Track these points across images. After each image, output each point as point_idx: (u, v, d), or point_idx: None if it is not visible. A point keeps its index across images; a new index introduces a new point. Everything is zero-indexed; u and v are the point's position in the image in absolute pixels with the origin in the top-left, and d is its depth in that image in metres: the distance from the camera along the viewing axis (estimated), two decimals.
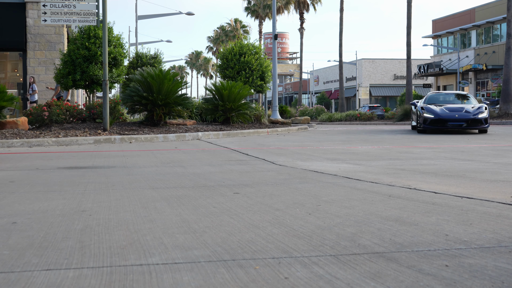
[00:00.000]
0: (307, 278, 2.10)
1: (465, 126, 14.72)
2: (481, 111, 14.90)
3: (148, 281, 2.08)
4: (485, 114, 14.84)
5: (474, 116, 14.70)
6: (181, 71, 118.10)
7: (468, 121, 14.69)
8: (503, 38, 46.44)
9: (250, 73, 21.18)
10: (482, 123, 14.71)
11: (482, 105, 15.28)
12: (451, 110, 15.11)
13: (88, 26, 16.12)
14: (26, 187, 4.84)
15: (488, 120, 14.90)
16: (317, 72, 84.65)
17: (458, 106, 15.42)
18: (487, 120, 14.79)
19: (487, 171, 5.64)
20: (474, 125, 14.75)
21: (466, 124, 14.70)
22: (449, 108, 15.21)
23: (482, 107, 15.07)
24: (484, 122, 14.73)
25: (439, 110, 15.12)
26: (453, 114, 14.88)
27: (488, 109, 15.15)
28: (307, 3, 59.72)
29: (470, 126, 14.73)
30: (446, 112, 14.99)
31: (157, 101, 14.67)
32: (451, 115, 14.88)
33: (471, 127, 14.75)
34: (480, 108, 15.03)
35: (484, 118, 14.75)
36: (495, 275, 2.10)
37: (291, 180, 5.14)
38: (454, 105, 15.52)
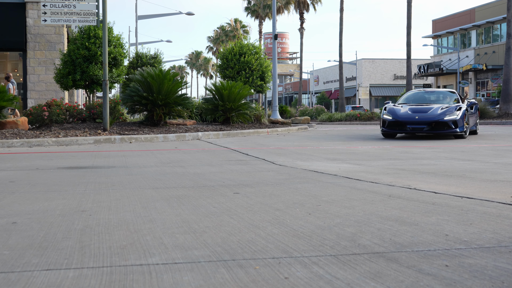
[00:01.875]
0: (307, 278, 2.10)
1: (427, 130, 12.28)
2: (450, 112, 12.34)
3: (148, 281, 2.08)
4: (455, 115, 12.22)
5: (438, 118, 12.18)
6: (181, 71, 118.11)
7: (432, 123, 12.21)
8: (503, 38, 46.44)
9: (250, 73, 21.18)
10: (450, 126, 12.16)
11: (458, 105, 12.76)
12: (415, 111, 12.68)
13: (88, 26, 16.12)
14: (26, 187, 4.84)
15: (463, 123, 12.28)
16: (317, 72, 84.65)
17: (426, 106, 12.93)
18: (457, 123, 12.18)
19: (487, 171, 5.65)
20: (438, 128, 12.21)
21: (429, 127, 12.23)
22: (414, 109, 12.79)
23: (454, 108, 12.52)
24: (453, 125, 12.17)
25: (401, 111, 12.83)
26: (413, 116, 12.45)
27: (464, 110, 12.53)
28: (307, 3, 59.71)
29: (434, 130, 12.23)
30: (407, 114, 12.59)
31: (157, 101, 14.67)
32: (411, 116, 12.47)
33: (435, 131, 12.23)
34: (450, 108, 12.50)
35: (452, 121, 12.15)
36: (495, 275, 2.10)
37: (291, 180, 5.14)
38: (422, 106, 13.10)
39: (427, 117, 12.29)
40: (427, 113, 12.43)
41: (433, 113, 12.38)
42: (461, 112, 12.42)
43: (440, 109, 12.47)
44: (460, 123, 12.24)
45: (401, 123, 12.53)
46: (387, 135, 13.13)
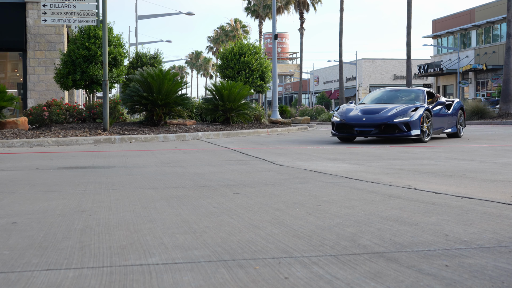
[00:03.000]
0: (307, 278, 2.10)
1: (376, 133, 11.03)
2: (403, 113, 10.98)
3: (148, 281, 2.08)
4: (408, 117, 10.88)
5: (387, 120, 10.91)
6: (181, 71, 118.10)
7: (381, 126, 10.97)
8: (503, 38, 46.44)
9: (250, 73, 21.18)
10: (401, 129, 10.83)
11: (415, 105, 11.32)
12: (365, 112, 11.45)
13: (88, 26, 16.11)
14: (26, 187, 4.84)
15: (419, 125, 10.92)
16: (317, 72, 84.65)
17: (380, 107, 11.59)
18: (410, 125, 10.84)
19: (487, 171, 5.65)
20: (388, 131, 10.95)
21: (377, 130, 11.00)
22: (365, 110, 11.56)
23: (409, 108, 11.12)
24: (405, 128, 10.84)
25: (351, 112, 11.62)
26: (361, 118, 11.22)
27: (423, 111, 11.10)
28: (307, 3, 59.71)
29: (384, 133, 10.99)
30: (356, 115, 11.39)
31: (157, 101, 14.68)
32: (358, 118, 11.25)
33: (385, 134, 10.98)
34: (405, 109, 11.13)
35: (404, 123, 10.82)
36: (495, 275, 2.10)
37: (291, 180, 5.14)
38: (376, 106, 11.74)
39: (375, 119, 11.06)
40: (377, 115, 11.18)
41: (383, 114, 11.11)
42: (417, 113, 11.00)
43: (394, 110, 11.15)
44: (415, 126, 10.87)
45: (349, 126, 11.32)
46: (345, 139, 11.87)
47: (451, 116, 12.67)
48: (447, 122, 12.51)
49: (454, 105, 12.92)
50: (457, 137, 12.92)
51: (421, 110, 11.11)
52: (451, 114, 12.68)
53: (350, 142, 11.76)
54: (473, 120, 25.70)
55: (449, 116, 12.58)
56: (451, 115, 12.65)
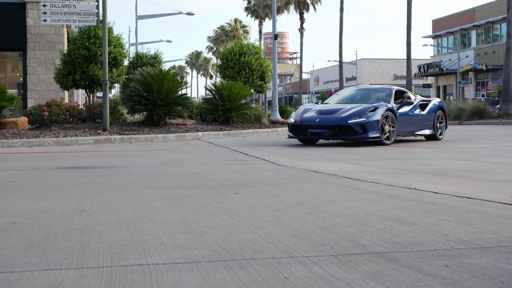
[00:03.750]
0: (307, 278, 2.10)
1: (329, 135, 10.24)
2: (360, 113, 10.19)
3: (148, 281, 2.08)
4: (364, 118, 10.09)
5: (341, 121, 10.11)
6: (181, 71, 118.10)
7: (335, 127, 10.18)
8: (503, 38, 46.45)
9: (250, 73, 21.19)
10: (356, 131, 10.06)
11: (375, 105, 10.47)
12: (322, 112, 10.67)
13: (88, 26, 16.11)
14: (26, 187, 4.84)
15: (378, 127, 10.11)
16: (317, 72, 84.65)
17: (339, 107, 10.77)
18: (366, 127, 10.06)
19: (487, 171, 5.64)
20: (343, 133, 10.17)
21: (331, 132, 10.20)
22: (321, 110, 10.78)
23: (367, 109, 10.31)
24: (361, 130, 10.07)
25: (307, 113, 10.86)
26: (315, 118, 10.47)
27: (384, 111, 10.26)
28: (307, 3, 59.71)
29: (338, 135, 10.19)
30: (311, 116, 10.65)
31: (157, 101, 14.68)
32: (312, 119, 10.51)
33: (339, 136, 10.19)
34: (363, 109, 10.33)
35: (359, 124, 10.05)
36: (495, 275, 2.10)
37: (291, 180, 5.14)
38: (336, 106, 10.94)
39: (329, 120, 10.27)
40: (332, 115, 10.39)
41: (338, 115, 10.30)
42: (376, 113, 10.16)
43: (351, 111, 10.34)
44: (372, 127, 10.06)
45: (303, 127, 10.55)
46: (307, 142, 11.19)
47: (426, 117, 11.68)
48: (419, 124, 11.55)
49: (431, 106, 11.98)
50: (435, 139, 11.89)
51: (381, 110, 10.26)
52: (426, 115, 11.70)
53: (312, 144, 11.12)
54: (473, 120, 25.70)
55: (423, 117, 11.60)
56: (425, 116, 11.67)
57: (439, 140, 11.75)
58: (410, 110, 11.32)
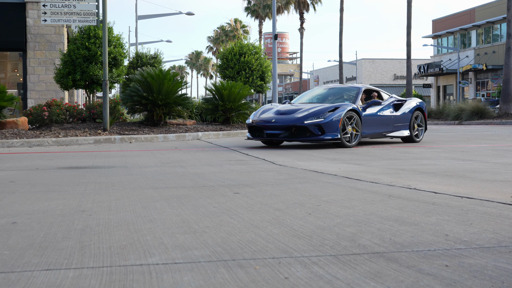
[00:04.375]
0: (307, 278, 2.10)
1: (285, 136, 9.68)
2: (318, 113, 9.59)
3: (148, 281, 2.08)
4: (322, 119, 9.51)
5: (297, 122, 9.54)
6: (181, 71, 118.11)
7: (291, 128, 9.61)
8: (503, 38, 46.45)
9: (250, 73, 21.19)
10: (313, 132, 9.50)
11: (336, 105, 9.88)
12: (280, 112, 10.09)
13: (88, 26, 16.12)
14: (26, 187, 4.84)
15: (337, 128, 9.50)
16: (317, 72, 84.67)
17: (298, 107, 10.19)
18: (323, 128, 9.48)
19: (487, 171, 5.64)
20: (300, 134, 9.61)
21: (288, 133, 9.63)
22: (282, 110, 10.18)
23: (326, 109, 9.71)
24: (318, 131, 9.50)
25: (266, 113, 10.32)
26: (271, 119, 9.89)
27: (346, 111, 9.65)
28: (307, 3, 59.72)
29: (295, 136, 9.64)
30: (268, 116, 10.06)
31: (157, 101, 14.68)
32: (268, 120, 9.93)
33: (296, 137, 9.65)
34: (322, 109, 9.73)
35: (315, 125, 9.48)
36: (495, 275, 2.10)
37: (291, 180, 5.14)
38: (296, 106, 10.37)
39: (285, 121, 9.69)
40: (289, 116, 9.80)
41: (295, 115, 9.73)
42: (335, 114, 9.55)
43: (309, 111, 9.77)
44: (330, 128, 9.48)
45: (259, 128, 10.04)
46: (268, 143, 10.68)
47: (399, 117, 10.98)
48: (391, 125, 10.84)
49: (407, 106, 11.27)
50: (412, 141, 11.18)
51: (342, 110, 9.65)
52: (400, 116, 11.01)
53: (276, 145, 10.56)
54: (473, 120, 25.70)
55: (395, 118, 10.90)
56: (399, 116, 10.98)
57: (417, 142, 11.15)
58: (379, 111, 10.67)
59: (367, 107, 10.42)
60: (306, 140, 9.67)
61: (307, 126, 9.52)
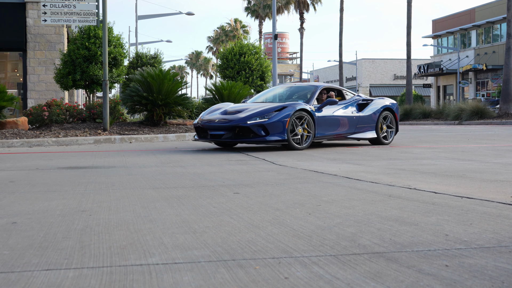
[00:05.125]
0: (307, 278, 2.10)
1: (228, 138, 9.08)
2: (263, 113, 8.98)
3: (148, 281, 2.08)
4: (265, 119, 8.90)
5: (240, 123, 8.94)
6: (181, 71, 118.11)
7: (235, 129, 9.02)
8: (503, 38, 46.45)
9: (250, 73, 21.19)
10: (256, 133, 8.88)
11: (283, 104, 9.26)
12: (227, 112, 9.52)
13: (88, 26, 16.12)
14: (26, 187, 4.84)
15: (284, 129, 8.92)
16: (317, 72, 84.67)
17: (247, 107, 9.55)
18: (268, 129, 8.87)
19: (487, 171, 5.64)
20: (243, 136, 9.02)
21: (231, 134, 9.06)
22: (229, 110, 9.61)
23: (273, 108, 9.09)
24: (263, 132, 8.89)
25: (212, 113, 9.76)
26: (215, 119, 9.35)
27: (294, 111, 9.03)
28: (307, 3, 59.72)
29: (238, 137, 9.04)
30: (215, 116, 9.51)
31: (157, 101, 14.68)
32: (212, 120, 9.39)
33: (239, 138, 9.05)
34: (267, 109, 9.08)
35: (260, 125, 8.87)
36: (495, 275, 2.10)
37: (291, 180, 5.14)
38: (246, 106, 9.73)
39: (228, 121, 9.12)
40: (233, 116, 9.24)
41: (239, 115, 9.14)
42: (281, 114, 8.95)
43: (255, 110, 9.15)
44: (275, 129, 8.87)
45: (204, 129, 9.46)
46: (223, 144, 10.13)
47: (363, 118, 10.35)
48: (354, 126, 10.20)
49: (373, 106, 10.60)
50: (380, 143, 10.55)
51: (290, 110, 9.04)
52: (364, 116, 10.37)
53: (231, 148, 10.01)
54: (473, 120, 25.71)
55: (359, 118, 10.27)
56: (362, 117, 10.34)
57: (386, 145, 10.50)
58: (338, 111, 10.05)
59: (323, 106, 9.79)
60: (250, 142, 9.03)
61: (249, 126, 8.89)
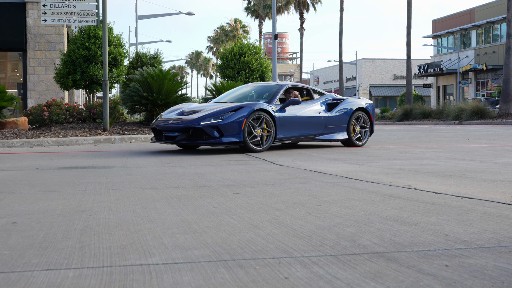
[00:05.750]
0: (307, 278, 2.10)
1: (182, 139, 8.73)
2: (218, 114, 8.59)
3: (148, 281, 2.08)
4: (220, 120, 8.51)
5: (193, 124, 8.55)
6: (181, 71, 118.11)
7: (188, 130, 8.65)
8: (503, 38, 46.44)
9: (250, 73, 21.19)
10: (210, 135, 8.49)
11: (239, 104, 8.81)
12: (183, 113, 9.16)
13: (88, 26, 16.13)
14: (26, 187, 4.84)
15: (240, 131, 8.51)
16: (317, 72, 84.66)
17: (204, 107, 9.17)
18: (221, 130, 8.48)
19: (487, 171, 5.64)
20: (197, 137, 8.61)
21: (184, 136, 8.69)
22: (186, 111, 9.21)
23: (228, 109, 8.67)
24: (217, 134, 8.50)
25: (170, 113, 9.40)
26: (169, 120, 9.04)
27: (251, 110, 8.59)
28: (307, 3, 59.72)
29: (192, 139, 8.64)
30: (170, 117, 9.18)
31: (157, 101, 14.68)
32: (167, 120, 9.07)
33: (193, 140, 8.63)
34: (223, 109, 8.69)
35: (213, 126, 8.47)
36: (495, 275, 2.10)
37: (291, 180, 5.14)
38: (203, 106, 9.33)
39: (182, 122, 8.75)
40: (188, 116, 8.87)
41: (194, 116, 8.77)
42: (237, 114, 8.55)
43: (210, 111, 8.76)
44: (230, 130, 8.47)
45: (159, 130, 9.11)
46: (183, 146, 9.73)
47: (332, 119, 9.88)
48: (322, 127, 9.72)
49: (344, 106, 10.09)
50: (352, 145, 10.10)
51: (247, 110, 8.59)
52: (334, 117, 9.90)
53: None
54: (473, 120, 25.71)
55: (327, 119, 9.81)
56: (332, 117, 9.88)
57: (359, 146, 10.07)
58: (303, 111, 9.55)
59: (285, 106, 9.30)
60: (205, 144, 8.63)
61: (202, 127, 8.50)
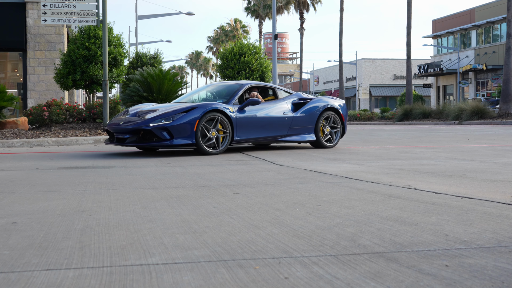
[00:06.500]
0: (307, 278, 2.10)
1: (132, 141, 8.36)
2: (169, 115, 8.21)
3: (148, 281, 2.08)
4: (171, 121, 8.15)
5: (142, 125, 8.18)
6: (181, 71, 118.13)
7: (139, 132, 8.29)
8: (503, 38, 46.44)
9: (250, 73, 21.18)
10: (160, 137, 8.14)
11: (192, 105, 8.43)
12: (136, 114, 8.77)
13: (88, 26, 16.12)
14: (26, 187, 4.84)
15: (192, 132, 8.16)
16: (317, 72, 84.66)
17: (157, 108, 8.80)
18: (172, 132, 8.10)
19: (487, 171, 5.64)
20: (147, 139, 8.25)
21: (135, 138, 8.34)
22: (139, 112, 8.83)
23: (181, 109, 8.29)
24: (167, 136, 8.14)
25: (124, 114, 9.14)
26: (120, 121, 8.70)
27: (203, 111, 8.23)
28: (307, 3, 59.72)
29: (142, 141, 8.27)
30: (123, 118, 8.90)
31: (157, 101, 14.68)
32: (118, 122, 8.74)
33: (143, 142, 8.26)
34: (175, 110, 8.31)
35: (163, 128, 8.11)
36: (495, 275, 2.10)
37: (291, 180, 5.14)
38: (158, 107, 8.94)
39: (132, 124, 8.38)
40: (138, 118, 8.51)
41: (145, 117, 8.42)
42: (189, 115, 8.18)
43: (161, 112, 8.40)
44: (182, 132, 8.11)
45: (111, 132, 8.74)
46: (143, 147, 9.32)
47: (298, 119, 9.44)
48: (286, 128, 9.29)
49: (311, 106, 9.63)
50: (321, 147, 9.65)
51: (200, 111, 8.23)
52: (300, 117, 9.45)
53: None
54: (473, 120, 25.71)
55: (292, 119, 9.37)
56: (297, 118, 9.43)
57: (329, 148, 9.64)
58: (265, 111, 9.12)
59: (244, 107, 8.87)
60: (156, 146, 8.24)
61: (152, 129, 8.12)
